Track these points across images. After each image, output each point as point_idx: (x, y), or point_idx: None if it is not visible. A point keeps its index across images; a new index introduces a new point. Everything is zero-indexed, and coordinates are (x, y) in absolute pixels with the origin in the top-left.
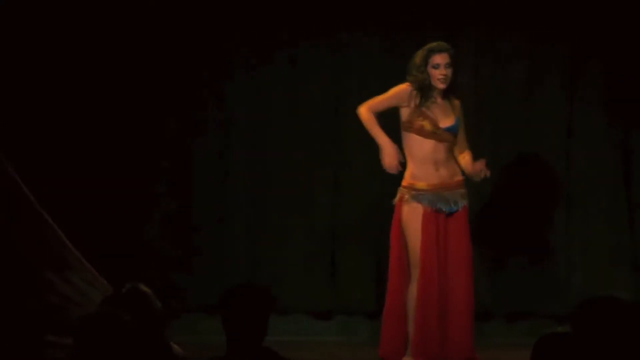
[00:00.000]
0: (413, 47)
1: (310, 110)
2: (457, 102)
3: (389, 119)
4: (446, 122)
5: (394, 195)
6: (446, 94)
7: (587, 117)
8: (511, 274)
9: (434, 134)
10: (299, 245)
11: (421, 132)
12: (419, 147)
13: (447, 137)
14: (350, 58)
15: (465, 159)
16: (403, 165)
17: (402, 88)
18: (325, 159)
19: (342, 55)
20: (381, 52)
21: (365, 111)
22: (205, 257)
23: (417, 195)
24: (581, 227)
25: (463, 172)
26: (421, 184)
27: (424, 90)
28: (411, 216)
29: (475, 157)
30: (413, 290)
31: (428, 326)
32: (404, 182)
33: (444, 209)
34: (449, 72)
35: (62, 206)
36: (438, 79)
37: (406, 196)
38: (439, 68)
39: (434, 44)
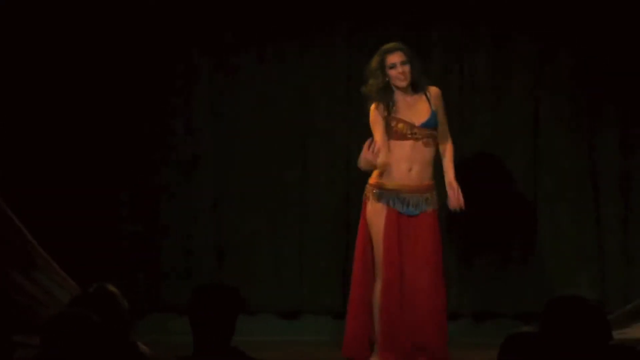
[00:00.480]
0: (379, 44)
1: (278, 111)
2: (434, 92)
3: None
4: (420, 118)
5: (360, 198)
6: (416, 89)
7: (553, 114)
8: (478, 273)
9: (412, 134)
10: (267, 246)
11: (400, 136)
12: (399, 148)
13: (424, 134)
14: (316, 57)
15: (445, 162)
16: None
17: (373, 110)
18: (294, 160)
19: (308, 55)
20: (347, 50)
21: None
22: (174, 256)
23: (380, 193)
24: (548, 227)
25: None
26: (385, 183)
27: (385, 95)
28: (374, 214)
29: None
30: (377, 288)
31: (392, 324)
32: (371, 180)
33: (401, 211)
34: (406, 69)
35: (28, 206)
36: (397, 78)
37: (370, 194)
38: (396, 67)
39: (386, 46)
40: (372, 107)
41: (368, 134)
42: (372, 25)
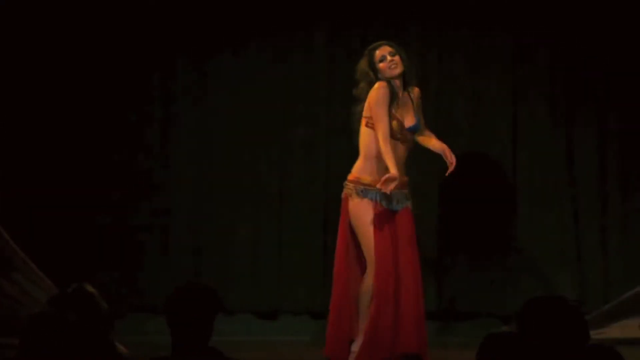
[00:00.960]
0: (357, 44)
1: (258, 109)
2: (416, 91)
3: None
4: (409, 121)
5: (338, 198)
6: (405, 85)
7: (532, 112)
8: (457, 273)
9: (400, 134)
10: (245, 246)
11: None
12: (379, 144)
13: (409, 138)
14: (296, 56)
15: (432, 140)
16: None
17: (383, 87)
18: (273, 159)
19: (289, 54)
20: (326, 49)
21: (390, 157)
22: (151, 256)
23: (365, 190)
24: (527, 227)
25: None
26: (368, 179)
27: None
28: (361, 212)
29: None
30: (368, 285)
31: (383, 320)
32: (351, 177)
33: (387, 207)
34: (396, 58)
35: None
36: (389, 68)
37: (353, 191)
38: (385, 60)
39: (372, 45)
40: (382, 84)
41: (347, 133)
42: (351, 25)
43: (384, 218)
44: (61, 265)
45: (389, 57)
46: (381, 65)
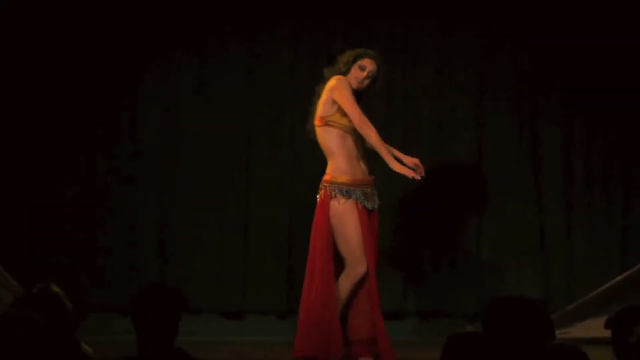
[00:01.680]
0: (322, 42)
1: (223, 109)
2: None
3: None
4: None
5: (305, 195)
6: (359, 96)
7: (496, 110)
8: (422, 273)
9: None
10: (211, 246)
11: (346, 128)
12: (342, 142)
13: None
14: (260, 55)
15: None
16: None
17: (344, 80)
18: (238, 159)
19: (253, 53)
20: (291, 48)
21: (373, 132)
22: (117, 257)
23: (347, 190)
24: (492, 227)
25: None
26: (346, 179)
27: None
28: (347, 212)
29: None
30: (345, 286)
31: (361, 316)
32: (328, 177)
33: (368, 207)
34: (366, 82)
35: None
36: (360, 80)
37: (337, 192)
38: (364, 70)
39: (366, 50)
40: (343, 77)
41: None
42: (315, 23)
43: (365, 218)
44: (25, 265)
45: (367, 73)
46: (358, 71)
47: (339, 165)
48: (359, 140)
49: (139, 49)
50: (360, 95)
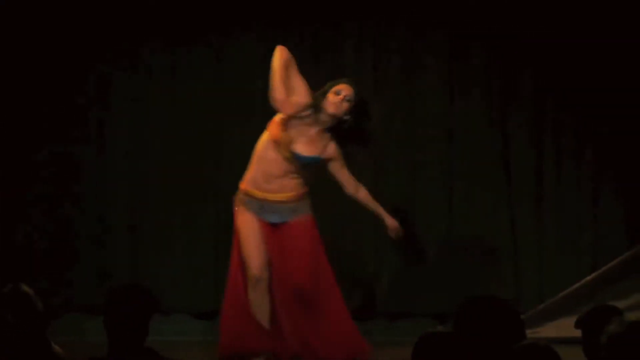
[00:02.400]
0: (293, 42)
1: (193, 112)
2: (330, 150)
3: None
4: (303, 149)
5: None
6: (329, 129)
7: (466, 110)
8: (392, 273)
9: (284, 150)
10: (181, 246)
11: (274, 142)
12: (264, 153)
13: (294, 162)
14: (230, 58)
15: (372, 206)
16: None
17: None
18: (209, 161)
19: (223, 55)
20: (261, 49)
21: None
22: (87, 257)
23: (247, 201)
24: (462, 226)
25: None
26: (252, 190)
27: (312, 109)
28: (242, 222)
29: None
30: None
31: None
32: (241, 185)
33: (268, 220)
34: (344, 105)
35: None
36: (334, 103)
37: (238, 201)
38: (340, 94)
39: (342, 79)
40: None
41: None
42: (286, 23)
43: (264, 230)
44: None
45: (341, 96)
46: (332, 96)
47: (251, 174)
48: (285, 164)
49: (108, 51)
50: (341, 124)
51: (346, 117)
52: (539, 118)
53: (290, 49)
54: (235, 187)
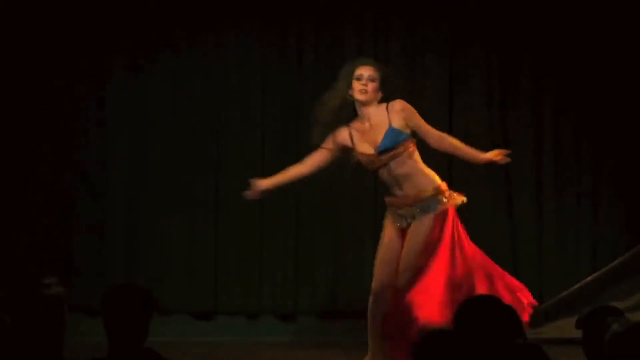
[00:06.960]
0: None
1: (193, 111)
2: (396, 105)
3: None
4: (377, 141)
5: (271, 198)
6: (378, 106)
7: (467, 102)
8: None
9: (373, 163)
10: (181, 247)
11: (364, 159)
12: (376, 175)
13: (385, 160)
14: (229, 56)
15: (455, 149)
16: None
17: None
18: (208, 161)
19: (222, 55)
20: (260, 48)
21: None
22: (87, 258)
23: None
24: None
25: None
26: (387, 199)
27: (336, 120)
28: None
29: None
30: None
31: None
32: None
33: (398, 224)
34: (370, 86)
35: None
36: (359, 91)
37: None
38: (361, 79)
39: (358, 58)
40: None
41: (282, 134)
42: (285, 18)
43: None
44: None
45: (364, 80)
46: (355, 83)
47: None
48: (384, 170)
49: (107, 49)
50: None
51: (379, 94)
52: (539, 118)
53: (290, 47)
54: (235, 187)
